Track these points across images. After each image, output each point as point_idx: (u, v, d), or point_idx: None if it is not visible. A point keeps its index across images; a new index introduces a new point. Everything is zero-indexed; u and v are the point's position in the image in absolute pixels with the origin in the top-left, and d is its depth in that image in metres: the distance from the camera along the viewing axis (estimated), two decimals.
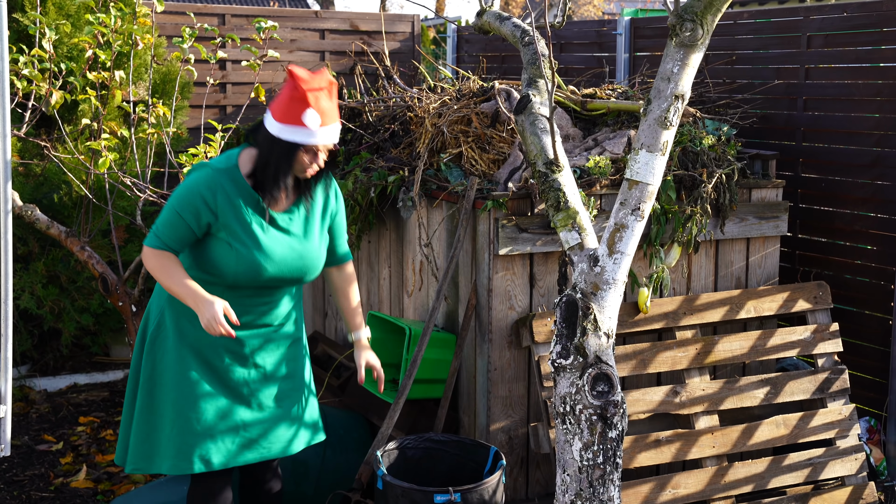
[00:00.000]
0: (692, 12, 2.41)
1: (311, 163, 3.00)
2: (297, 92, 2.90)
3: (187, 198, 3.00)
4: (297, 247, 3.11)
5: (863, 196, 4.54)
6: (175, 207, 3.01)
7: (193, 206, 2.99)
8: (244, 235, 3.02)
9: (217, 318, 2.89)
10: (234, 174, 3.04)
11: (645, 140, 2.44)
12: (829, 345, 4.18)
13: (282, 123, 2.95)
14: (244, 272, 3.04)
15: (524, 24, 2.83)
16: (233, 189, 3.02)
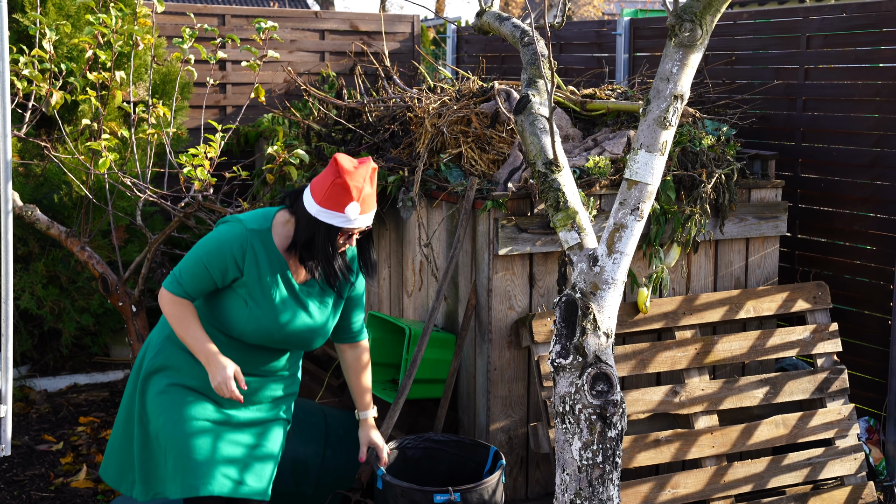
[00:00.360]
0: (691, 13, 2.41)
1: (345, 244, 3.07)
2: (341, 181, 2.96)
3: (218, 253, 3.03)
4: (308, 320, 3.13)
5: (862, 196, 4.54)
6: (203, 259, 3.03)
7: (223, 261, 3.02)
8: (262, 297, 3.05)
9: (229, 384, 2.94)
10: (266, 237, 3.07)
11: (644, 140, 2.45)
12: (828, 345, 4.18)
13: (322, 207, 3.00)
14: (252, 331, 3.07)
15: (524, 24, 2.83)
16: (262, 251, 3.05)
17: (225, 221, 3.11)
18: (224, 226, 3.08)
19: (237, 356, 3.10)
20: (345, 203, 2.97)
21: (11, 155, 3.85)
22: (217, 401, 3.13)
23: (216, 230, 3.09)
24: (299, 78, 6.19)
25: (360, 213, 3.00)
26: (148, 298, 5.82)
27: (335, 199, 2.99)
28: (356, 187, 2.98)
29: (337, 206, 2.99)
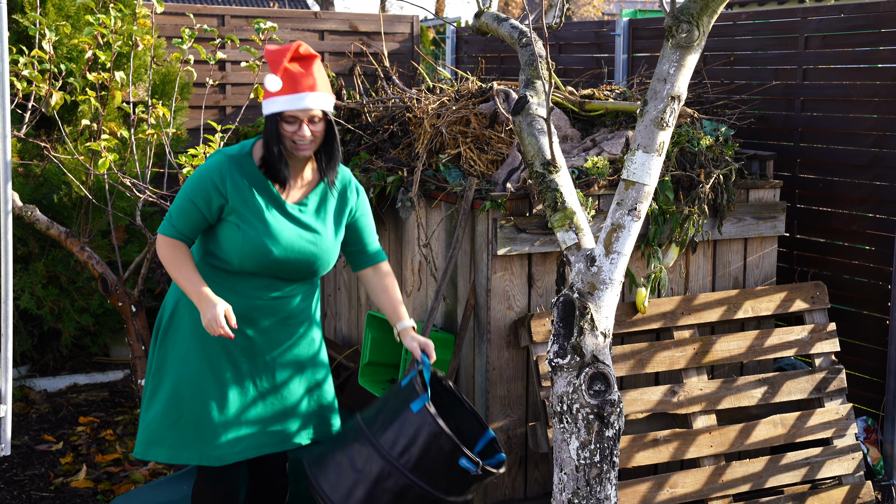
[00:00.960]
0: (688, 14, 2.42)
1: (294, 134, 3.05)
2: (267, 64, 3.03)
3: (199, 184, 3.08)
4: (307, 234, 3.15)
5: (860, 196, 4.55)
6: (188, 194, 3.09)
7: (205, 191, 3.06)
8: (252, 217, 3.07)
9: (218, 319, 2.95)
10: (245, 161, 3.12)
11: (641, 141, 2.46)
12: (826, 344, 4.19)
13: (263, 101, 3.07)
14: (250, 253, 3.08)
15: (521, 25, 2.84)
16: (243, 174, 3.09)
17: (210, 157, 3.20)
18: (207, 160, 3.16)
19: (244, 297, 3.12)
20: (270, 84, 3.01)
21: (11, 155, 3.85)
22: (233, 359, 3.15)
23: (200, 166, 3.16)
24: None
25: (281, 90, 3.01)
26: (147, 298, 5.83)
27: (266, 85, 3.03)
28: (273, 62, 3.00)
29: (267, 90, 3.04)
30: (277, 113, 3.04)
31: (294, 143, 3.08)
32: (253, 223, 3.08)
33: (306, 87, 3.04)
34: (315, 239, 3.16)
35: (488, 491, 4.02)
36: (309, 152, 3.11)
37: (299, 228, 3.14)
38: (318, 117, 3.08)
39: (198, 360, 3.16)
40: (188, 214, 3.10)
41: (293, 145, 3.08)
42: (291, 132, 3.06)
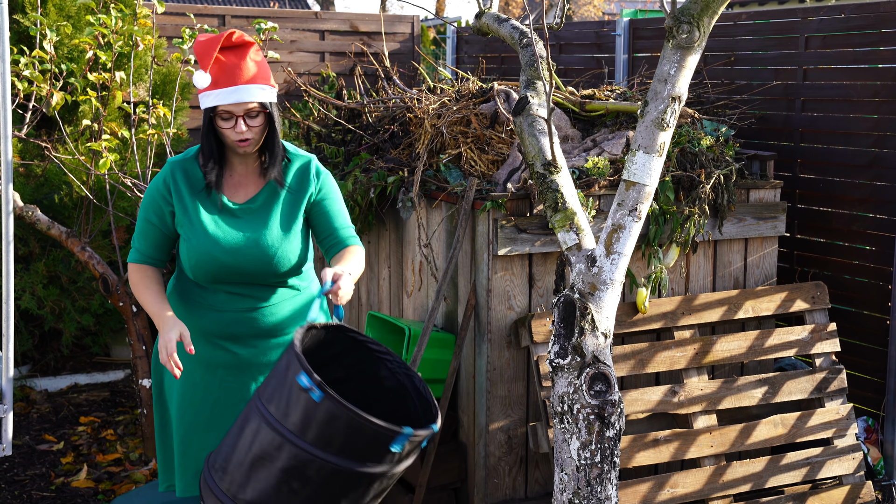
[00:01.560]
0: (689, 14, 2.42)
1: (231, 130, 2.85)
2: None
3: (148, 198, 2.96)
4: (252, 234, 2.92)
5: (860, 196, 4.55)
6: (141, 213, 2.98)
7: (154, 204, 2.94)
8: (191, 224, 2.91)
9: (168, 345, 2.72)
10: (189, 165, 2.96)
11: (642, 141, 2.46)
12: (826, 345, 4.19)
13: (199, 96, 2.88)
14: (199, 262, 2.91)
15: (522, 26, 2.84)
16: (184, 179, 2.93)
17: None
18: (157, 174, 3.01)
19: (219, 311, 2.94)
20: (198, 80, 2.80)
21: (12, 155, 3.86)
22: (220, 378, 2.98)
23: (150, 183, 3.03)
24: (299, 78, 6.20)
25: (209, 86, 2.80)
26: None
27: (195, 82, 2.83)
28: (203, 55, 2.79)
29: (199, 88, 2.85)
30: (211, 108, 2.84)
31: (233, 141, 2.88)
32: (196, 230, 2.91)
33: (240, 79, 2.82)
34: (264, 236, 2.93)
35: (488, 491, 4.02)
36: (252, 149, 2.91)
37: (246, 229, 2.93)
38: (254, 110, 2.86)
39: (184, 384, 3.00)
40: (146, 233, 2.97)
41: (234, 143, 2.88)
42: (228, 129, 2.85)
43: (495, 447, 4.00)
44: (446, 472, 4.09)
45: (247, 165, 2.98)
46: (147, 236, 2.96)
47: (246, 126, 2.83)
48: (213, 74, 2.80)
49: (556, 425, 2.48)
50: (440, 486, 4.09)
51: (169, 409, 3.10)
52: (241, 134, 2.83)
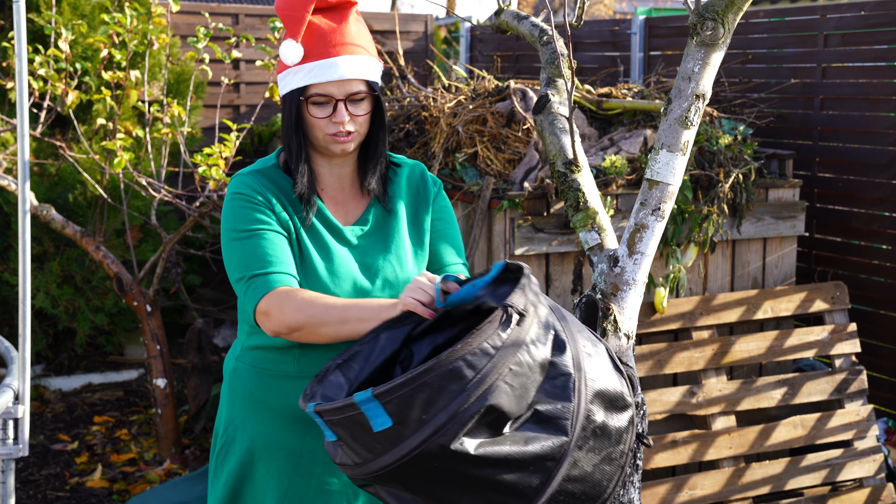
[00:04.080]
0: (713, 11, 2.39)
1: (327, 120, 2.09)
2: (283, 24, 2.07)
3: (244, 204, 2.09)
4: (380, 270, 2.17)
5: (879, 196, 4.51)
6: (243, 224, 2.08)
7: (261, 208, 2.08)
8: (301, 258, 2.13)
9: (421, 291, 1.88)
10: (273, 173, 2.15)
11: (665, 140, 2.42)
12: (846, 345, 4.15)
13: (279, 74, 2.13)
14: None
15: (542, 23, 2.81)
16: (276, 192, 2.13)
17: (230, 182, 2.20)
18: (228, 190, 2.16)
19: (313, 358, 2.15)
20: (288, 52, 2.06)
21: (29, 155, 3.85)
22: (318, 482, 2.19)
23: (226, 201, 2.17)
24: None
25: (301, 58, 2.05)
26: (162, 298, 5.83)
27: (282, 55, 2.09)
28: (292, 17, 2.04)
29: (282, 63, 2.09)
30: (300, 89, 2.07)
31: (328, 135, 2.10)
32: (307, 266, 2.11)
33: (342, 49, 2.06)
34: (395, 272, 2.17)
35: None
36: (352, 147, 2.13)
37: (371, 264, 2.16)
38: (360, 93, 2.10)
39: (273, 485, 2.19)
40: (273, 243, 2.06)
41: (327, 138, 2.10)
42: (323, 118, 2.09)
43: None
44: None
45: (342, 175, 2.20)
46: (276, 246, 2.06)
47: (348, 114, 2.08)
48: (305, 44, 2.06)
49: None
50: None
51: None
52: (341, 125, 2.08)
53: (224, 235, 2.11)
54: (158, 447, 4.74)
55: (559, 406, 1.62)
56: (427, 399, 1.56)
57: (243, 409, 2.20)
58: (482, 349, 1.58)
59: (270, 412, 2.18)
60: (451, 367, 1.56)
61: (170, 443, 4.70)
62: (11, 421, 2.92)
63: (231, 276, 2.08)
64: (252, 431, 2.19)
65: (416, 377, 1.56)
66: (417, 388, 1.57)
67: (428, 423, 1.57)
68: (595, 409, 1.66)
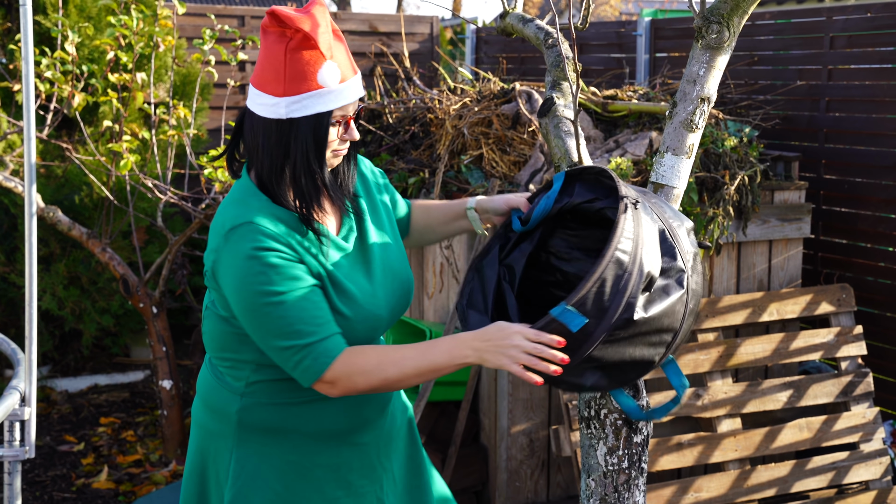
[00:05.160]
0: (718, 14, 2.39)
1: (344, 137, 2.07)
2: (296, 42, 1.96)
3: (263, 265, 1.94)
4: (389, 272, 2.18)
5: (886, 198, 4.51)
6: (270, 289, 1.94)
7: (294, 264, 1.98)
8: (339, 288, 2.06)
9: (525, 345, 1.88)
10: (275, 211, 2.02)
11: (670, 143, 2.42)
12: (852, 348, 4.15)
13: (288, 97, 1.97)
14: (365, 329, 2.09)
15: (547, 26, 2.81)
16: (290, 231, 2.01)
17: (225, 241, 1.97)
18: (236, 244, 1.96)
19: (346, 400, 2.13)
20: (315, 69, 1.96)
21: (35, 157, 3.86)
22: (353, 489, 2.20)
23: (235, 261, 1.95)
24: None
25: (340, 79, 1.99)
26: (168, 300, 5.84)
27: (299, 72, 1.96)
28: (322, 38, 1.97)
29: (305, 80, 1.97)
30: (326, 113, 2.00)
31: (334, 153, 2.07)
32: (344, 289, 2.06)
33: (354, 66, 2.06)
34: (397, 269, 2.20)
35: (510, 494, 3.99)
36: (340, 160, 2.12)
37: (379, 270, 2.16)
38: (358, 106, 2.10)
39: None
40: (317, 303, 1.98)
41: (331, 157, 2.07)
42: (341, 135, 2.06)
43: (517, 450, 3.97)
44: (468, 475, 4.07)
45: None
46: (318, 305, 1.98)
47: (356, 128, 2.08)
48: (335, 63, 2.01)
49: (583, 430, 2.45)
50: (461, 489, 4.07)
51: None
52: (354, 138, 2.08)
53: (250, 300, 1.94)
54: (164, 448, 4.75)
55: (672, 263, 2.01)
56: (604, 290, 1.90)
57: (262, 445, 2.13)
58: (626, 236, 1.94)
59: (302, 437, 2.13)
60: (613, 258, 1.91)
61: (176, 444, 4.71)
62: (18, 423, 2.93)
63: (269, 343, 1.97)
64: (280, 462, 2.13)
65: (593, 278, 1.89)
66: (595, 284, 1.89)
67: (611, 307, 1.90)
68: (689, 261, 2.06)
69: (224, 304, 2.05)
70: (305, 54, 1.96)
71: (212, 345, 2.15)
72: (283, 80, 1.97)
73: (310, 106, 1.98)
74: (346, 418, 2.14)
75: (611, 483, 2.42)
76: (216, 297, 2.08)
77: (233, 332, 2.07)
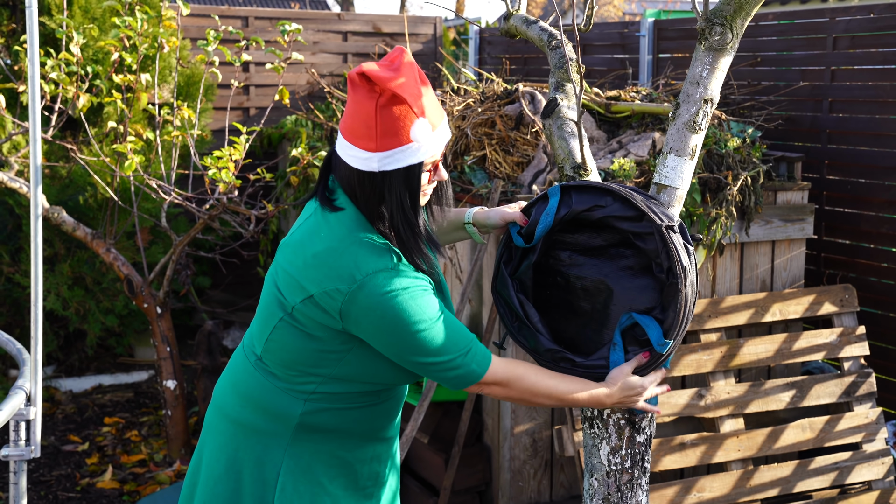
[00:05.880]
0: (721, 16, 2.39)
1: (433, 179, 2.19)
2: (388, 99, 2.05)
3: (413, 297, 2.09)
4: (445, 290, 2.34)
5: (889, 198, 4.51)
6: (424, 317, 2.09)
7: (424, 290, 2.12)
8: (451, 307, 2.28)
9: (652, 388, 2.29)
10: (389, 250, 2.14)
11: (673, 144, 2.43)
12: (855, 348, 4.15)
13: (380, 152, 2.07)
14: None
15: (551, 27, 2.82)
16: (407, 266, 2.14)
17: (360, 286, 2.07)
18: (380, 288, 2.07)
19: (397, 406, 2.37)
20: (407, 126, 2.06)
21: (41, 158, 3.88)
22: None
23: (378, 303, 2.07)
24: (322, 80, 6.21)
25: (432, 131, 2.10)
26: (172, 300, 5.85)
27: (391, 129, 2.06)
28: (412, 96, 2.06)
29: (397, 136, 2.06)
30: (418, 164, 2.09)
31: (426, 195, 2.20)
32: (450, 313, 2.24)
33: (442, 115, 2.16)
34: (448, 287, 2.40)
35: (513, 494, 4.00)
36: None
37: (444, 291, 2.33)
38: None
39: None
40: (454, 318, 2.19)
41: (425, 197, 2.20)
42: (429, 180, 2.17)
43: (520, 450, 3.98)
44: (471, 475, 4.08)
45: None
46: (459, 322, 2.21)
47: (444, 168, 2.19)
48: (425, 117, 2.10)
49: (586, 430, 2.46)
50: (465, 489, 4.08)
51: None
52: (442, 179, 2.22)
53: (408, 329, 2.09)
54: (168, 448, 4.76)
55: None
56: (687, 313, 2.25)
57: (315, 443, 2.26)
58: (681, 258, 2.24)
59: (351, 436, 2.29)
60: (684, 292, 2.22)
61: (180, 444, 4.72)
62: (23, 422, 2.94)
63: (428, 360, 2.13)
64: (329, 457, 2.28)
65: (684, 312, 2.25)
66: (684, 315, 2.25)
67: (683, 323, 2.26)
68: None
69: (319, 328, 2.15)
70: (395, 110, 2.05)
71: (282, 356, 2.23)
72: (375, 136, 2.06)
73: (402, 160, 2.09)
74: (389, 419, 2.33)
75: (614, 482, 2.43)
76: (307, 320, 2.15)
77: (315, 349, 2.18)
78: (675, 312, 2.24)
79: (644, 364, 2.29)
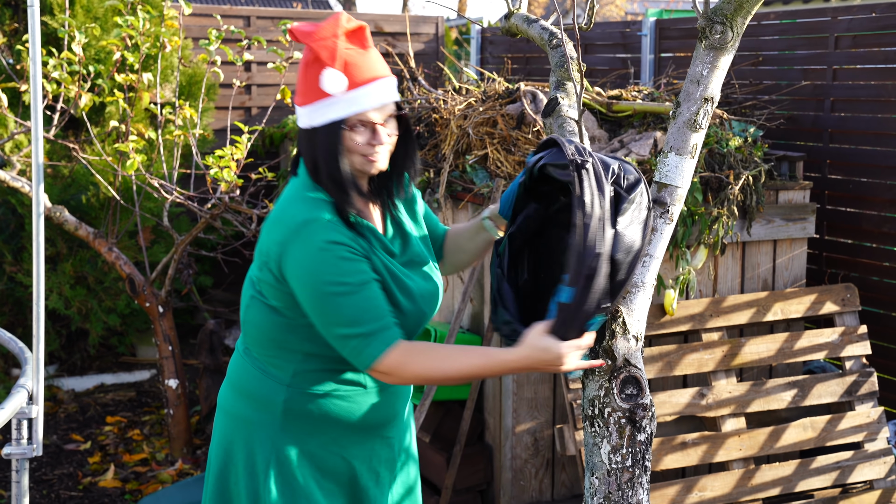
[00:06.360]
0: (722, 15, 2.40)
1: (370, 144, 2.16)
2: (307, 54, 2.12)
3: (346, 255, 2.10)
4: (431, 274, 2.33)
5: (891, 198, 4.51)
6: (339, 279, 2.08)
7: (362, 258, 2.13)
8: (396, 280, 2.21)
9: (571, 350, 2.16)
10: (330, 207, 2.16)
11: (674, 143, 2.43)
12: (857, 347, 4.15)
13: (305, 106, 2.15)
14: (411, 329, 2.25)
15: (552, 26, 2.82)
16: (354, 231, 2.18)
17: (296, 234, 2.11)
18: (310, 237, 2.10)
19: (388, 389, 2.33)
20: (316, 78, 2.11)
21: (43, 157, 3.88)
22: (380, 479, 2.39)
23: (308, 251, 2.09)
24: None
25: (347, 87, 2.10)
26: (174, 299, 5.86)
27: (309, 82, 2.13)
28: (326, 48, 2.10)
29: (313, 89, 2.12)
30: (340, 121, 2.12)
31: (365, 158, 2.17)
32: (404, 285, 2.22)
33: (376, 74, 2.15)
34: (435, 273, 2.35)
35: (514, 493, 4.00)
36: (383, 166, 2.21)
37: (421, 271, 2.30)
38: (392, 113, 2.20)
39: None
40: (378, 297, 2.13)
41: (364, 161, 2.17)
42: (362, 143, 2.15)
43: (521, 449, 3.98)
44: (472, 474, 4.08)
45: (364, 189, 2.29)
46: (381, 297, 2.14)
47: (388, 135, 2.18)
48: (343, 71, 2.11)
49: (587, 429, 2.46)
50: (466, 487, 4.08)
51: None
52: (378, 147, 2.16)
53: (320, 288, 2.09)
54: (170, 447, 4.77)
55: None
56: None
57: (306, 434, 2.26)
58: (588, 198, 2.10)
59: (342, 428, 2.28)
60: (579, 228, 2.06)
61: (182, 443, 4.73)
62: (25, 421, 2.95)
63: (332, 331, 2.12)
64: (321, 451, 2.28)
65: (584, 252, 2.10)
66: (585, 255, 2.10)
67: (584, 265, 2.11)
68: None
69: (275, 295, 2.18)
70: (314, 64, 2.13)
71: (256, 335, 2.26)
72: (302, 91, 2.17)
73: (325, 114, 2.13)
74: (381, 411, 2.31)
75: (615, 481, 2.43)
76: (266, 288, 2.19)
77: (281, 322, 2.20)
78: (572, 253, 2.03)
79: (558, 322, 2.09)
